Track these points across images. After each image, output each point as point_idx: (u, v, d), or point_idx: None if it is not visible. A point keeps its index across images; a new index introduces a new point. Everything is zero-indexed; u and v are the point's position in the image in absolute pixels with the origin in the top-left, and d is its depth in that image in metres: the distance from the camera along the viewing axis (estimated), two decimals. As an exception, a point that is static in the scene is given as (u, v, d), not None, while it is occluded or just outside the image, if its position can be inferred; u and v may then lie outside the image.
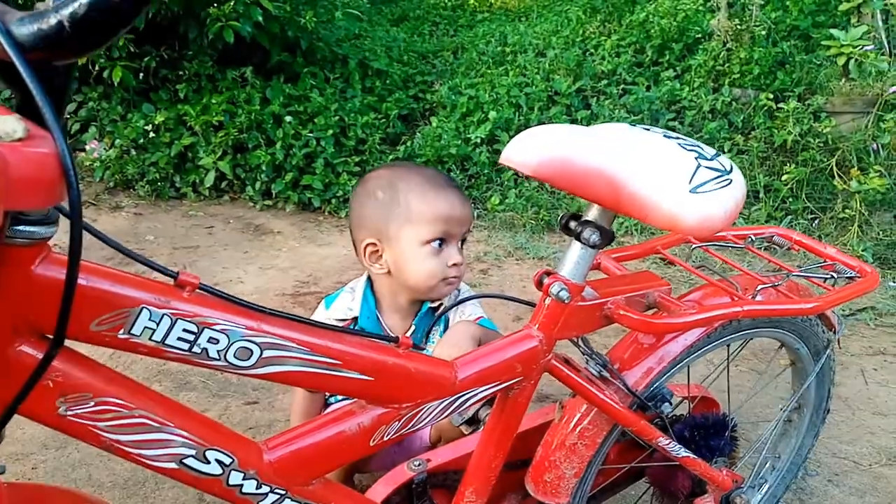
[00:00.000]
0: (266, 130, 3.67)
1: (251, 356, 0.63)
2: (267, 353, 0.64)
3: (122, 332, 0.56)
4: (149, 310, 0.56)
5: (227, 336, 0.61)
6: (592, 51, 4.51)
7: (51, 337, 0.52)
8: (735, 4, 4.47)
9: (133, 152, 3.67)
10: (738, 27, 4.14)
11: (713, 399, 1.26)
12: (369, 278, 1.26)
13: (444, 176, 1.16)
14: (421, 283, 1.14)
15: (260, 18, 3.76)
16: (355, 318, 1.22)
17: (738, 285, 0.99)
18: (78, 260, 0.48)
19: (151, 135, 3.68)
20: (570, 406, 0.97)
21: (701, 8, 4.85)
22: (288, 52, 4.23)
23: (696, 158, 0.76)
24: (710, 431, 1.14)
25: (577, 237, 0.81)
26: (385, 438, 0.76)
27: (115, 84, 3.76)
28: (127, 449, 0.60)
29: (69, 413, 0.56)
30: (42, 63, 0.45)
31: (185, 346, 0.59)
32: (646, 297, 0.91)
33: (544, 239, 3.30)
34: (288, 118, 3.72)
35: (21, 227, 0.48)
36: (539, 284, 0.84)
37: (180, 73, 4.07)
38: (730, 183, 0.76)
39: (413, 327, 1.24)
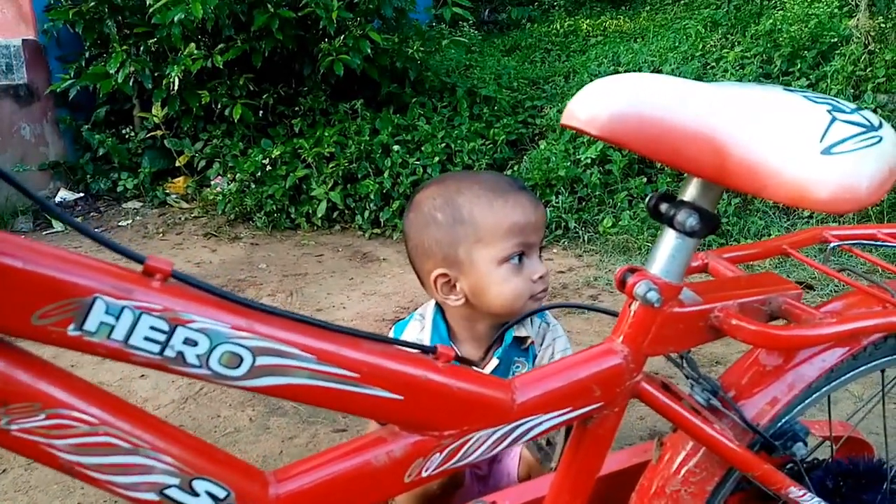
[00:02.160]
0: (375, 160, 3.68)
1: (241, 364, 0.51)
2: (262, 361, 0.52)
3: (71, 327, 0.46)
4: (105, 300, 0.46)
5: (209, 337, 0.49)
6: (713, 64, 4.20)
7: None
8: (878, 2, 4.02)
9: (252, 185, 3.80)
10: (883, 25, 3.70)
11: (865, 441, 1.00)
12: (439, 304, 1.10)
13: (504, 177, 1.00)
14: (507, 307, 0.98)
15: (369, 51, 3.81)
16: None
17: (894, 292, 0.76)
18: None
19: (268, 168, 3.80)
20: (673, 443, 0.77)
21: (836, 11, 4.42)
22: (397, 83, 4.27)
23: (829, 111, 0.57)
24: (861, 482, 0.89)
25: (670, 223, 0.64)
26: (424, 474, 0.61)
27: (236, 121, 3.94)
28: (93, 474, 0.50)
29: (14, 428, 0.46)
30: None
31: (156, 347, 0.48)
32: (768, 303, 0.71)
33: (663, 263, 3.03)
34: (396, 147, 3.72)
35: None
36: (621, 285, 0.66)
37: (296, 108, 4.21)
38: (878, 141, 0.56)
39: (498, 361, 1.06)
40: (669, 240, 0.65)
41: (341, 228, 3.73)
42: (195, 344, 0.49)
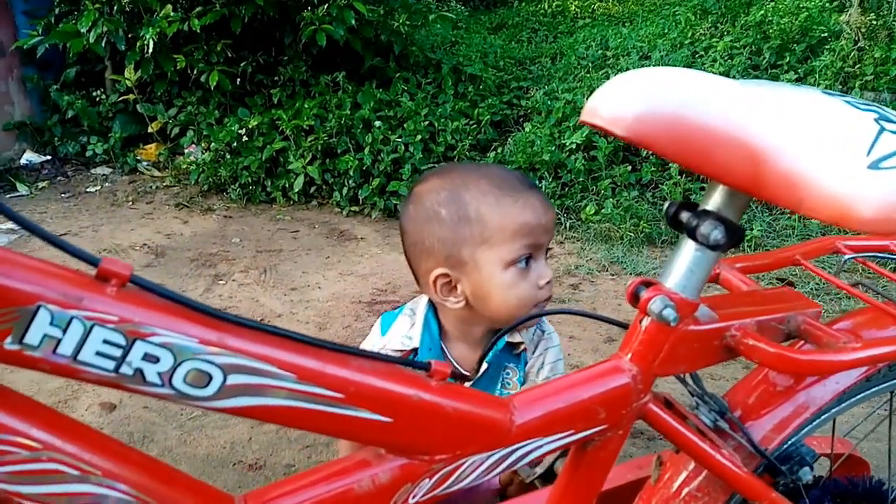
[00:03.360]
0: (355, 135, 3.58)
1: (210, 382, 0.44)
2: (234, 379, 0.45)
3: (8, 340, 0.39)
4: (49, 310, 0.39)
5: (172, 353, 0.43)
6: (702, 53, 4.15)
7: None
8: (870, -1, 4.00)
9: (227, 156, 3.68)
10: (874, 22, 3.68)
11: (862, 459, 0.97)
12: (431, 300, 1.02)
13: (514, 174, 0.91)
14: (510, 313, 0.91)
15: (353, 23, 3.69)
16: (415, 350, 0.99)
17: (911, 310, 0.72)
18: None
19: (245, 139, 3.68)
20: (673, 463, 0.73)
21: (827, 6, 4.40)
22: (381, 57, 4.16)
23: (876, 120, 0.51)
24: (859, 503, 0.86)
25: (692, 234, 0.58)
26: (412, 501, 0.55)
27: (213, 88, 3.80)
28: (34, 505, 0.43)
29: (-62, 452, 0.39)
30: None
31: (110, 364, 0.41)
32: (786, 322, 0.66)
33: (643, 253, 3.00)
34: (377, 123, 3.62)
35: None
36: (634, 299, 0.60)
37: (275, 78, 4.08)
38: (931, 156, 0.50)
39: (487, 366, 1.00)
40: (689, 252, 0.59)
41: (318, 204, 3.63)
42: (156, 360, 0.42)
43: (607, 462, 0.64)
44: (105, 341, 0.41)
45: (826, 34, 3.95)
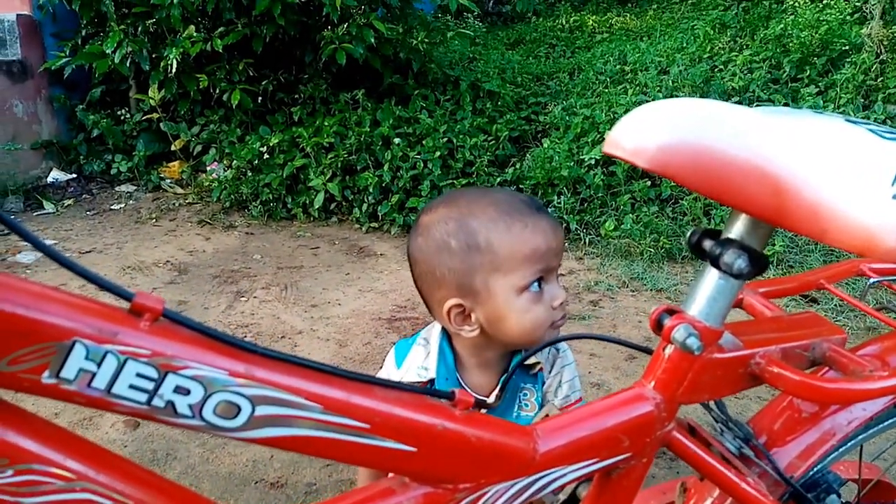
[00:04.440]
0: (375, 152, 3.62)
1: (239, 413, 0.45)
2: (262, 411, 0.46)
3: (46, 374, 0.40)
4: (85, 345, 0.40)
5: (203, 385, 0.44)
6: (721, 67, 4.14)
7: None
8: (892, 11, 3.97)
9: (249, 173, 3.72)
10: (896, 36, 3.65)
11: (891, 485, 0.95)
12: (444, 328, 1.01)
13: (522, 197, 0.90)
14: (526, 337, 0.90)
15: (372, 41, 3.74)
16: (432, 381, 0.98)
17: (940, 336, 0.71)
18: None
19: (266, 156, 3.72)
20: (697, 489, 0.72)
21: (848, 18, 4.36)
22: (400, 74, 4.20)
23: (901, 150, 0.51)
24: (889, 529, 0.84)
25: (715, 262, 0.58)
26: (436, 529, 0.55)
27: (234, 107, 3.86)
28: (68, 534, 0.44)
29: (-23, 485, 0.40)
30: None
31: (142, 397, 0.42)
32: (811, 349, 0.65)
33: (664, 269, 2.98)
34: (396, 140, 3.65)
35: None
36: (657, 327, 0.60)
37: (296, 96, 4.13)
38: (957, 186, 0.50)
39: (503, 387, 0.98)
40: (712, 280, 0.59)
41: (338, 220, 3.66)
42: (187, 392, 0.43)
43: (631, 490, 0.64)
44: (138, 374, 0.42)
45: (847, 47, 3.92)
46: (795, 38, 4.06)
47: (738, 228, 0.58)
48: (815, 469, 0.71)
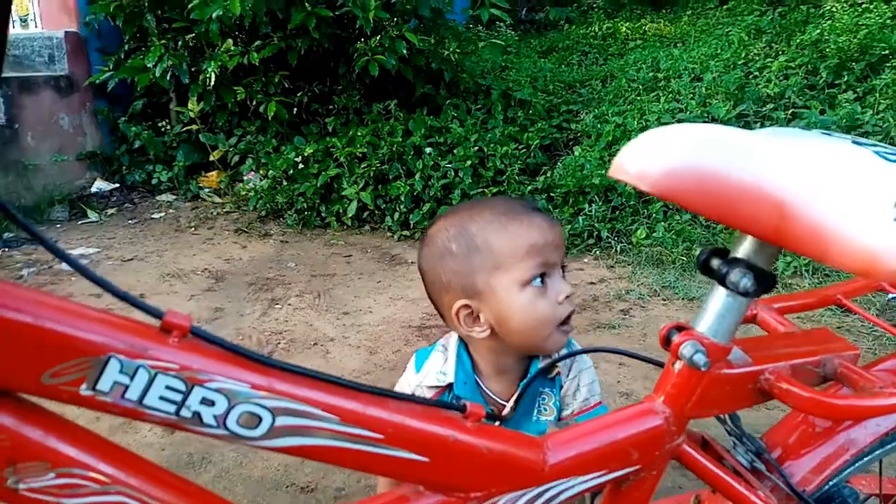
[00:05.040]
0: (406, 162, 3.66)
1: (260, 424, 0.48)
2: (282, 421, 0.49)
3: (84, 387, 0.44)
4: (119, 359, 0.44)
5: (227, 398, 0.47)
6: (756, 73, 4.09)
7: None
8: (936, 14, 3.87)
9: (284, 183, 3.81)
10: (941, 39, 3.56)
11: (918, 500, 0.94)
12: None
13: (516, 200, 0.95)
14: (535, 335, 0.92)
15: (405, 52, 3.79)
16: (450, 385, 1.01)
17: (959, 353, 0.71)
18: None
19: (301, 166, 3.80)
20: (710, 502, 0.73)
21: (889, 22, 4.27)
22: (432, 84, 4.25)
23: (904, 172, 0.52)
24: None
25: (722, 281, 0.59)
26: (449, 536, 0.58)
27: (270, 118, 3.95)
28: (104, 533, 0.47)
29: (22, 487, 0.44)
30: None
31: (171, 408, 0.46)
32: (822, 364, 0.66)
33: (696, 277, 2.95)
34: (428, 149, 3.69)
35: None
36: (666, 343, 0.62)
37: (330, 107, 4.21)
38: (960, 208, 0.51)
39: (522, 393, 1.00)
40: (720, 298, 0.61)
41: (371, 229, 3.72)
42: (212, 404, 0.47)
43: (642, 500, 0.66)
44: (167, 387, 0.45)
45: (887, 51, 3.84)
46: (833, 43, 3.99)
47: (745, 248, 0.59)
48: (831, 484, 0.72)
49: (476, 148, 3.69)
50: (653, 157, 0.52)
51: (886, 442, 0.73)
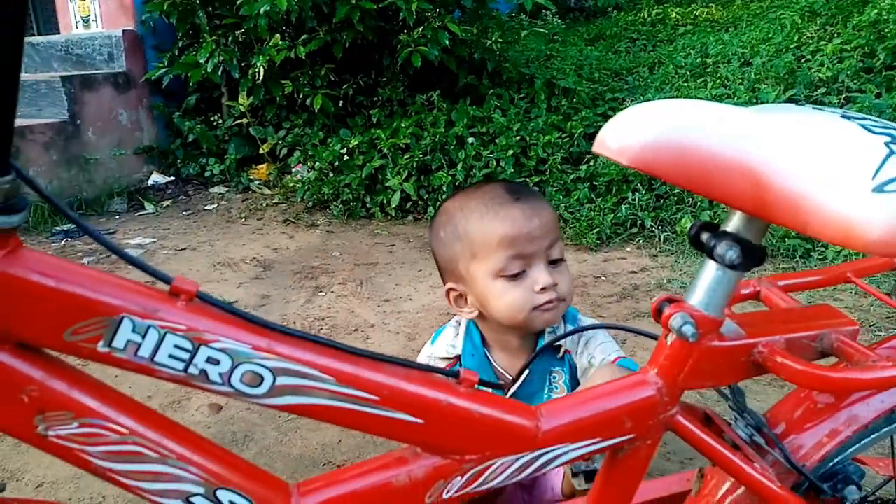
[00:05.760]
0: (449, 152, 3.69)
1: (262, 383, 0.53)
2: (282, 381, 0.53)
3: (101, 344, 0.48)
4: (132, 320, 0.48)
5: (230, 357, 0.51)
6: (809, 57, 3.96)
7: (24, 345, 0.46)
8: None
9: (330, 174, 3.89)
10: None
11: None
12: None
13: (509, 187, 0.97)
14: (510, 319, 0.97)
15: (447, 43, 3.82)
16: (458, 357, 1.07)
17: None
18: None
19: (346, 157, 3.88)
20: (714, 476, 0.75)
21: (955, 0, 4.07)
22: (475, 74, 4.26)
23: (887, 144, 0.52)
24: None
25: (710, 254, 0.61)
26: (445, 496, 0.61)
27: (317, 111, 4.03)
28: (123, 480, 0.52)
29: (51, 433, 0.50)
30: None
31: (180, 365, 0.51)
32: (819, 339, 0.66)
33: (742, 267, 2.90)
34: (470, 139, 3.71)
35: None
36: (657, 314, 0.64)
37: (374, 99, 4.27)
38: (942, 179, 0.51)
39: (528, 371, 1.05)
40: (710, 271, 0.62)
41: (414, 219, 3.77)
42: (217, 363, 0.51)
43: (638, 469, 0.68)
44: (176, 346, 0.50)
45: (952, 31, 3.67)
46: (893, 24, 3.83)
47: (734, 223, 0.61)
48: (836, 460, 0.72)
49: (518, 137, 3.69)
50: (632, 132, 0.54)
51: (893, 419, 0.72)
